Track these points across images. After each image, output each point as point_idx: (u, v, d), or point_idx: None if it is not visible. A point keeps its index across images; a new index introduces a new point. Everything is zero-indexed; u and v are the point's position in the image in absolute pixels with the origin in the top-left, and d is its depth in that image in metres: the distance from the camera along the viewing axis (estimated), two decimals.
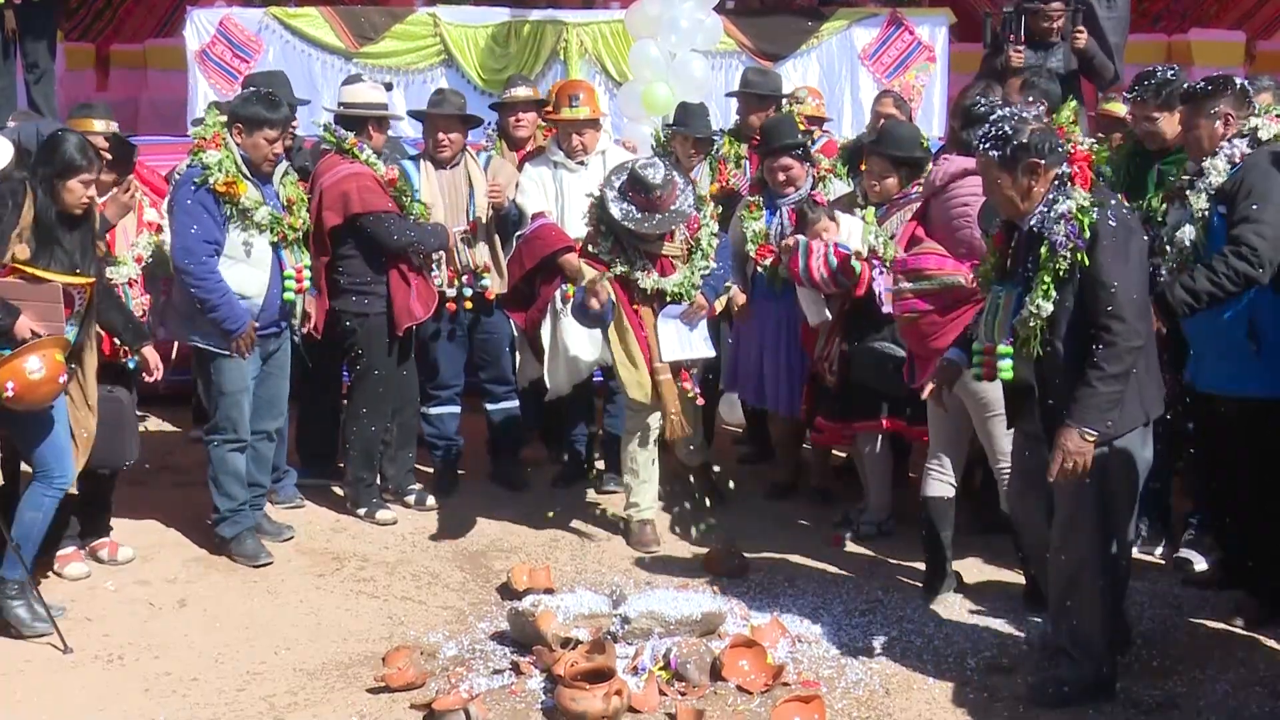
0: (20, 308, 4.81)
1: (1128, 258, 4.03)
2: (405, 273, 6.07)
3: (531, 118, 6.81)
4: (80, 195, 4.90)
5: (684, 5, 7.33)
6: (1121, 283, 4.00)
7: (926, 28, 8.80)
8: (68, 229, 4.93)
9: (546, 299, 6.38)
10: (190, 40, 8.71)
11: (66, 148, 4.89)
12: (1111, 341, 3.99)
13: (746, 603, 5.19)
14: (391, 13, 8.99)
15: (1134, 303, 4.02)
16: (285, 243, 5.65)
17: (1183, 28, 10.24)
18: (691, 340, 5.86)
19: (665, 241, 5.82)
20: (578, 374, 6.33)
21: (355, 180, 5.94)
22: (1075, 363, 4.08)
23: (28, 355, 4.73)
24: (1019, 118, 4.19)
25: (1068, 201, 4.07)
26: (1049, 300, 4.08)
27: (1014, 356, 4.24)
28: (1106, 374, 4.00)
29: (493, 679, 4.60)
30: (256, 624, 5.11)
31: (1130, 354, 4.01)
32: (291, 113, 6.06)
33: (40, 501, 4.99)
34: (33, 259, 4.84)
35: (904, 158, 5.64)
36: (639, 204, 5.65)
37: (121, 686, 4.60)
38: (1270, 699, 4.39)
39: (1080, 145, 4.25)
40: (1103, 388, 4.01)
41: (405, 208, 6.08)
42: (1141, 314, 4.08)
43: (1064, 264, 4.04)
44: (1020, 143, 4.11)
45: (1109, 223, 4.03)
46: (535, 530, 6.13)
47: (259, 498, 5.96)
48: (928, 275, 5.03)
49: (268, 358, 5.75)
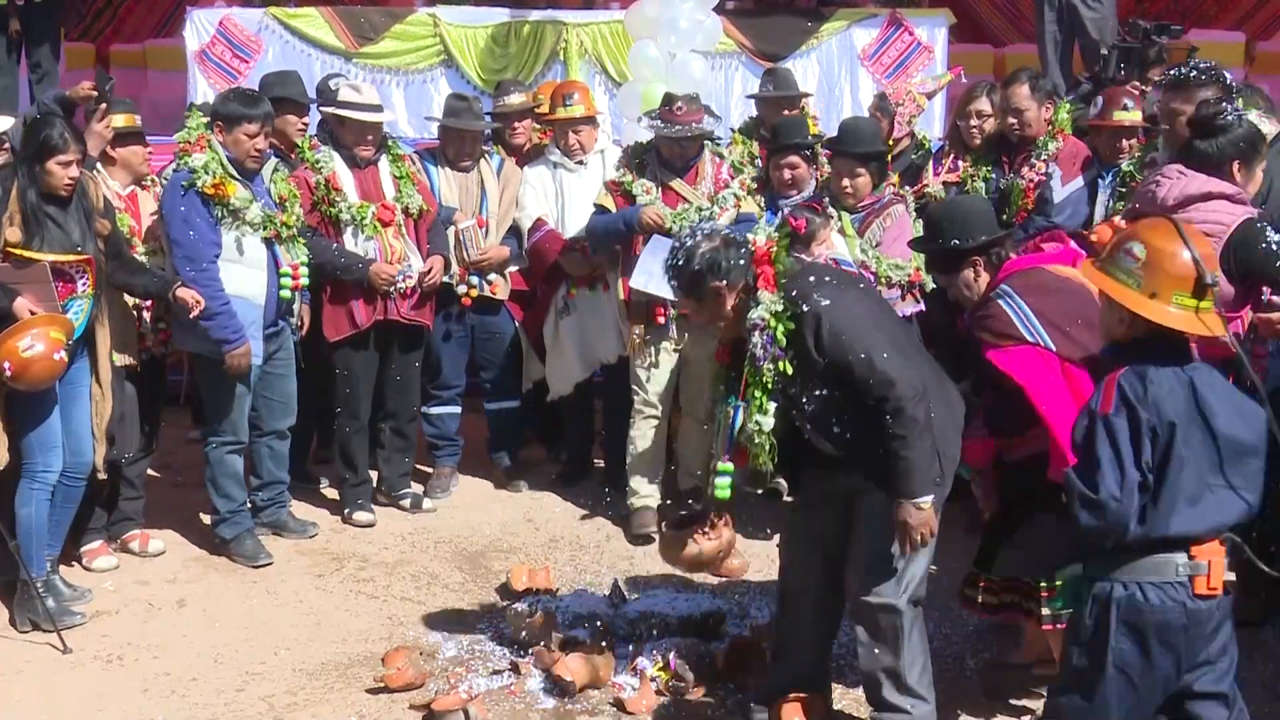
0: (18, 290, 4.85)
1: (855, 317, 3.79)
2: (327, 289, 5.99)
3: (528, 124, 6.80)
4: (62, 176, 4.93)
5: (684, 6, 7.32)
6: (868, 348, 3.74)
7: (926, 28, 8.78)
8: (59, 209, 4.97)
9: (548, 300, 6.41)
10: (190, 40, 8.70)
11: (45, 130, 4.94)
12: (896, 407, 3.72)
13: (746, 603, 5.20)
14: (391, 13, 8.98)
15: (890, 357, 3.74)
16: (279, 240, 5.63)
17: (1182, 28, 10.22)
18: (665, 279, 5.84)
19: (684, 181, 5.95)
20: (579, 374, 6.35)
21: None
22: (873, 433, 3.79)
23: (21, 334, 4.77)
24: (687, 247, 3.94)
25: (757, 309, 3.86)
26: (767, 414, 3.87)
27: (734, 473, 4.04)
28: (908, 439, 3.73)
29: (492, 679, 4.61)
30: (256, 624, 5.11)
31: (917, 404, 3.73)
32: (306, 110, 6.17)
33: (28, 496, 5.01)
34: (26, 242, 4.88)
35: (869, 153, 5.53)
36: (663, 116, 6.00)
37: (120, 687, 4.60)
38: (1270, 699, 4.39)
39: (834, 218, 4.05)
40: (911, 453, 3.74)
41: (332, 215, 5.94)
42: (902, 358, 3.78)
43: (770, 376, 3.83)
44: (694, 271, 3.89)
45: (816, 301, 3.79)
46: (535, 531, 6.13)
47: (280, 494, 5.99)
48: None
49: (269, 357, 5.74)
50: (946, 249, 4.17)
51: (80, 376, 5.13)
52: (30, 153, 4.95)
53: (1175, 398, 3.05)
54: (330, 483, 6.59)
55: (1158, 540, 3.07)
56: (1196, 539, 3.09)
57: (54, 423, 5.04)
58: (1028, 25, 9.62)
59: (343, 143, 6.05)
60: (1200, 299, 3.01)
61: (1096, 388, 3.15)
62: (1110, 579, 3.13)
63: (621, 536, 6.01)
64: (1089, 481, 3.05)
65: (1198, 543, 3.09)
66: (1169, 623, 3.08)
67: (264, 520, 5.94)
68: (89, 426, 5.15)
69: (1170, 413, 3.02)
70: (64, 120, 5.14)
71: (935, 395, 3.87)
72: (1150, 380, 3.05)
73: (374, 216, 5.94)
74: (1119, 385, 3.05)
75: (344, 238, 5.95)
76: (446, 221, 6.26)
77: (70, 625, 4.99)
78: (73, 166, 4.96)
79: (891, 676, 4.01)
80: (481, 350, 6.57)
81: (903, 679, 4.01)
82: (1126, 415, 3.03)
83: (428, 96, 8.57)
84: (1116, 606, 3.10)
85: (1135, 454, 3.02)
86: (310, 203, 5.93)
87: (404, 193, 6.05)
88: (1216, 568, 3.09)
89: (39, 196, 4.93)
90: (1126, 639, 3.10)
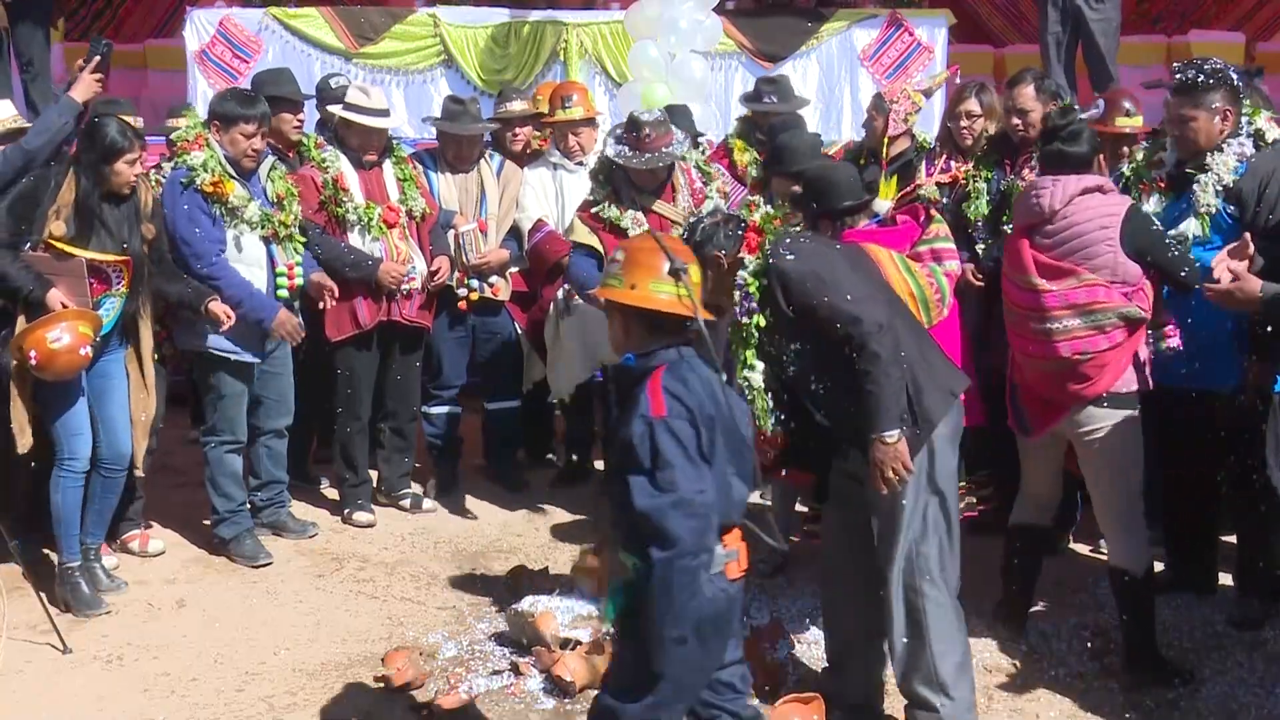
0: (53, 282, 4.94)
1: (818, 267, 3.91)
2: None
3: (528, 130, 6.80)
4: (128, 175, 5.05)
5: (684, 6, 7.34)
6: (829, 294, 3.85)
7: (926, 29, 8.79)
8: (111, 208, 5.06)
9: (548, 300, 6.40)
10: (190, 40, 8.72)
11: (108, 132, 5.01)
12: (860, 342, 3.81)
13: (745, 603, 5.19)
14: (391, 13, 8.99)
15: (854, 299, 3.85)
16: (276, 239, 5.63)
17: (1182, 29, 10.23)
18: None
19: (662, 201, 5.90)
20: (580, 374, 6.35)
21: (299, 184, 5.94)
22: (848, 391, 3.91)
23: (51, 325, 4.85)
24: (690, 225, 4.16)
25: (742, 273, 4.01)
26: (755, 370, 4.02)
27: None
28: (873, 373, 3.82)
29: (492, 680, 4.60)
30: (255, 624, 5.11)
31: (881, 339, 3.82)
32: (301, 108, 6.21)
33: (58, 483, 5.15)
34: (76, 239, 4.98)
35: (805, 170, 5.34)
36: (630, 142, 5.81)
37: (120, 687, 4.59)
38: (1270, 700, 4.39)
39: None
40: (876, 387, 3.82)
41: (338, 215, 5.95)
42: (867, 299, 3.88)
43: (750, 331, 3.98)
44: (695, 242, 3.98)
45: (781, 255, 3.92)
46: (534, 531, 6.14)
47: (280, 494, 6.00)
48: (1102, 309, 4.35)
49: (267, 357, 5.75)
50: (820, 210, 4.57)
51: (114, 369, 5.21)
52: (95, 155, 5.00)
53: (705, 391, 3.21)
54: (330, 483, 6.60)
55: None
56: (728, 528, 3.26)
57: (80, 411, 5.11)
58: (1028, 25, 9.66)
59: (348, 144, 6.05)
60: (676, 283, 3.27)
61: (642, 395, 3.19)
62: None
63: None
64: (668, 485, 3.09)
65: (728, 531, 3.26)
66: (720, 611, 3.21)
67: (264, 520, 5.94)
68: (125, 420, 5.23)
69: (709, 405, 3.19)
70: (118, 119, 5.19)
71: (911, 351, 3.92)
72: (687, 376, 3.21)
73: (380, 218, 5.95)
74: (664, 388, 3.17)
75: (350, 238, 5.95)
76: (445, 225, 6.27)
77: (97, 613, 5.12)
78: (137, 164, 5.07)
79: (916, 665, 4.02)
80: (482, 351, 6.57)
81: (929, 670, 4.00)
82: (683, 412, 3.15)
83: (428, 97, 8.58)
84: None
85: (698, 446, 3.15)
86: (318, 202, 5.94)
87: (408, 195, 6.06)
88: (743, 553, 3.30)
89: (100, 197, 5.01)
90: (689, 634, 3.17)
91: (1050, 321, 4.37)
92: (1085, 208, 4.39)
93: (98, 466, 5.19)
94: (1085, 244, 4.36)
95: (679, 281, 3.27)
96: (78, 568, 5.19)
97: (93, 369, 5.11)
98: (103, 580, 5.32)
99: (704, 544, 3.12)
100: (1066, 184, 4.42)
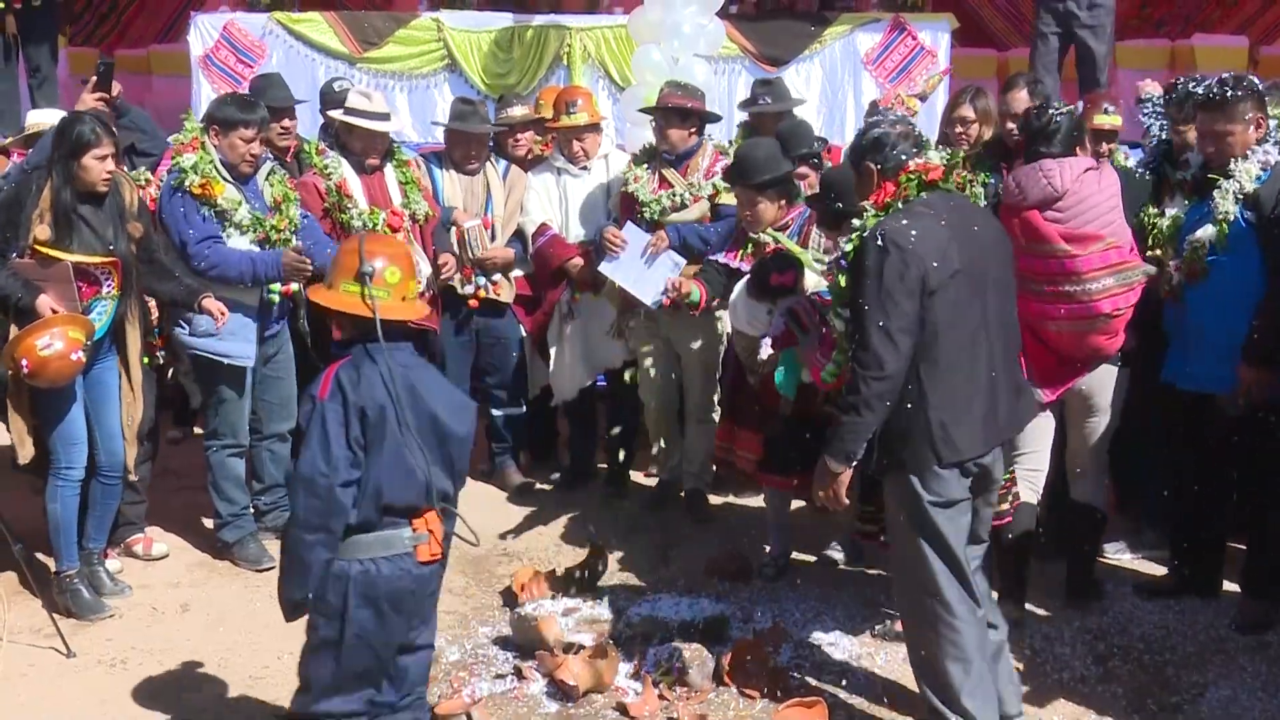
0: (41, 288, 4.88)
1: (882, 279, 3.76)
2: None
3: (530, 136, 6.80)
4: (98, 171, 4.96)
5: (687, 10, 7.32)
6: (870, 304, 3.78)
7: (929, 32, 8.76)
8: (93, 209, 4.99)
9: (552, 304, 6.41)
10: (194, 45, 8.71)
11: (77, 127, 4.97)
12: (854, 368, 3.81)
13: (749, 607, 5.19)
14: (395, 18, 8.98)
15: (879, 330, 3.75)
16: (268, 243, 5.59)
17: (1185, 33, 10.20)
18: (637, 275, 5.87)
19: (679, 174, 6.06)
20: (583, 378, 6.34)
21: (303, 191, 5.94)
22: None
23: (40, 332, 4.79)
24: (871, 120, 4.31)
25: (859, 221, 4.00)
26: (840, 319, 4.06)
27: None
28: (846, 401, 3.83)
29: (495, 684, 4.61)
30: (259, 628, 5.10)
31: (869, 384, 3.76)
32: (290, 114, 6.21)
33: (54, 492, 5.12)
34: (56, 241, 4.91)
35: (764, 181, 5.32)
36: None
37: (124, 691, 4.60)
38: (1274, 704, 4.39)
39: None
40: (847, 419, 3.83)
41: (343, 221, 5.96)
42: (890, 342, 3.75)
43: (843, 287, 3.97)
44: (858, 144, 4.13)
45: (876, 240, 3.80)
46: (538, 535, 6.13)
47: (283, 498, 5.97)
48: (1130, 267, 4.62)
49: (267, 360, 5.75)
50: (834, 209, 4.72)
51: (108, 377, 5.18)
52: (64, 151, 4.94)
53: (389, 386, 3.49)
54: None
55: (379, 516, 3.51)
56: (416, 512, 3.56)
57: (76, 420, 5.08)
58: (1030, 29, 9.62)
59: (350, 149, 6.05)
60: (362, 285, 3.53)
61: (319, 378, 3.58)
62: (348, 559, 3.53)
63: (622, 539, 6.01)
64: (303, 461, 3.47)
65: (417, 515, 3.56)
66: (399, 590, 3.56)
67: (267, 524, 5.93)
68: (120, 426, 5.20)
69: (380, 397, 3.47)
70: (91, 114, 5.17)
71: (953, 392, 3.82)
72: (365, 370, 3.50)
73: (385, 223, 5.95)
74: (335, 375, 3.51)
75: None
76: (447, 223, 6.27)
77: (101, 617, 5.13)
78: (108, 160, 4.99)
79: (933, 686, 3.98)
80: (487, 355, 6.57)
81: (949, 691, 3.93)
82: (339, 400, 3.47)
83: (431, 101, 8.57)
84: (354, 583, 3.52)
85: (346, 434, 3.45)
86: (322, 209, 5.93)
87: (411, 198, 6.06)
88: (435, 538, 3.60)
89: (74, 195, 4.94)
90: (364, 609, 3.54)
91: (1089, 282, 4.55)
92: (1092, 182, 4.60)
93: (97, 474, 5.18)
94: (1099, 213, 4.56)
95: (365, 285, 3.51)
96: (77, 574, 5.18)
97: (88, 377, 5.07)
98: (107, 584, 5.32)
99: (322, 523, 3.44)
100: (1072, 164, 4.64)
